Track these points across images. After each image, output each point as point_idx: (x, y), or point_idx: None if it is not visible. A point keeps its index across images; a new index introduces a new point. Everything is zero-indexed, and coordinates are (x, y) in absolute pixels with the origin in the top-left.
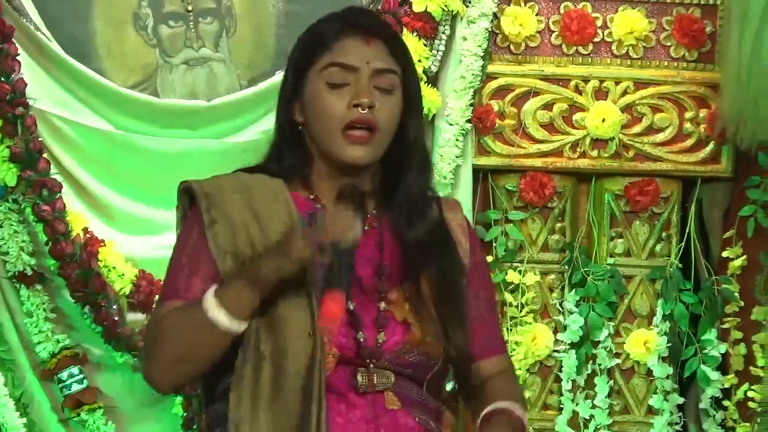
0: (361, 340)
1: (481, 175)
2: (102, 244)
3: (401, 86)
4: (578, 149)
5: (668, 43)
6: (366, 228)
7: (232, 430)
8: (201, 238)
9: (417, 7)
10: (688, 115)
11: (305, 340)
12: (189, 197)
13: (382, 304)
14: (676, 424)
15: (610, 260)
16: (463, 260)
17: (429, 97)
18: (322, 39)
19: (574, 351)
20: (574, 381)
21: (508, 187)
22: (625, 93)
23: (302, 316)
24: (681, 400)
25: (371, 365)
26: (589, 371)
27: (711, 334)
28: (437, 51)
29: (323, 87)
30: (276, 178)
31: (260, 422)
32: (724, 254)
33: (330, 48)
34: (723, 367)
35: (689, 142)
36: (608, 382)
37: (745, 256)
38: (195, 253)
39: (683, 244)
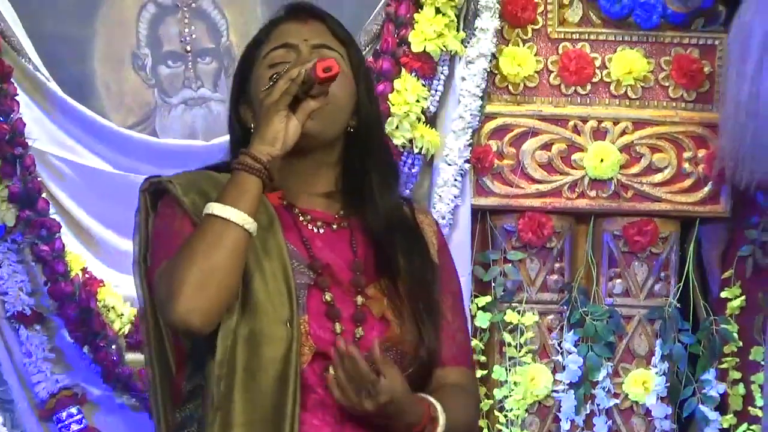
0: (338, 332)
1: (479, 215)
2: (101, 284)
3: (348, 65)
4: (577, 189)
5: (667, 84)
6: (335, 228)
7: (209, 411)
8: (184, 215)
9: (415, 47)
10: (686, 155)
11: (282, 327)
12: (152, 196)
13: (360, 299)
14: None
15: (609, 300)
16: (435, 261)
17: (428, 137)
18: (261, 34)
19: (572, 391)
20: (572, 421)
21: (507, 227)
22: (623, 133)
23: (280, 303)
24: None
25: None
26: (588, 411)
27: (710, 374)
28: (436, 91)
29: (264, 70)
30: None
31: (235, 404)
32: (723, 294)
33: (269, 38)
34: (722, 407)
35: (688, 182)
36: (607, 422)
37: (743, 297)
38: (181, 227)
39: (682, 284)
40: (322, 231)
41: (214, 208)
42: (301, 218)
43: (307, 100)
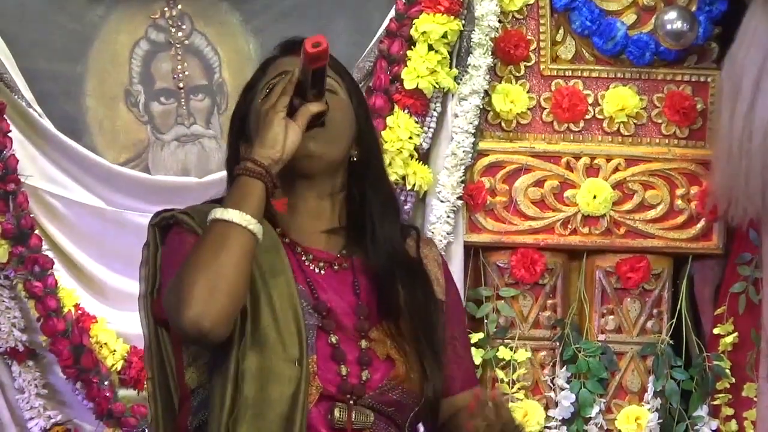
0: (344, 374)
1: (472, 251)
2: (94, 320)
3: (346, 93)
4: (569, 226)
5: (659, 120)
6: (336, 268)
7: None
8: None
9: (408, 84)
10: (679, 191)
11: (292, 366)
12: (162, 230)
13: (364, 343)
14: None
15: (602, 337)
16: (438, 296)
17: (420, 174)
18: (258, 72)
19: (565, 427)
20: None
21: (500, 264)
22: (616, 170)
23: (291, 342)
24: None
25: (352, 402)
26: None
27: (702, 411)
28: (428, 128)
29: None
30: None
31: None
32: (715, 331)
33: (265, 74)
34: None
35: (680, 218)
36: None
37: (736, 333)
38: None
39: (674, 320)
40: (324, 272)
41: (217, 212)
42: (303, 258)
43: (306, 104)
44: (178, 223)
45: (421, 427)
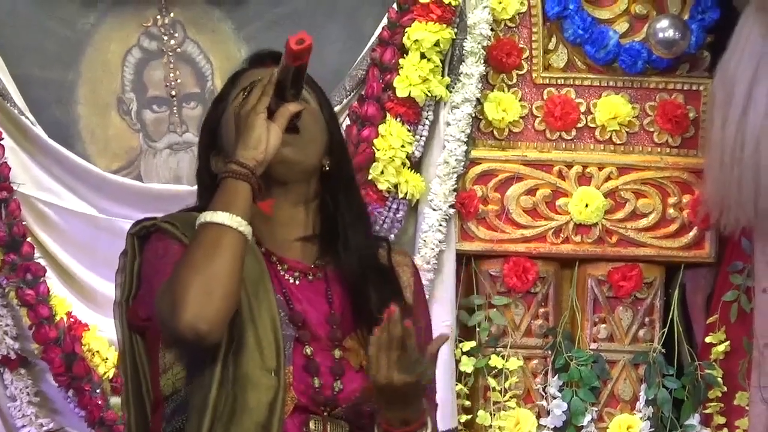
0: (317, 386)
1: (464, 260)
2: (86, 328)
3: (317, 104)
4: (561, 234)
5: (651, 129)
6: (311, 278)
7: None
8: (182, 247)
9: (400, 93)
10: (671, 200)
11: (269, 375)
12: (140, 240)
13: (338, 352)
14: None
15: (594, 345)
16: (409, 302)
17: (412, 182)
18: (228, 83)
19: None
20: None
21: (492, 273)
22: (608, 178)
23: (269, 352)
24: None
25: (326, 414)
26: None
27: (694, 419)
28: (421, 136)
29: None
30: None
31: None
32: (707, 339)
33: (235, 85)
34: None
35: (673, 227)
36: None
37: (728, 342)
38: (180, 255)
39: (666, 329)
40: (298, 282)
41: (207, 216)
42: (279, 268)
43: (284, 104)
44: (160, 230)
45: None
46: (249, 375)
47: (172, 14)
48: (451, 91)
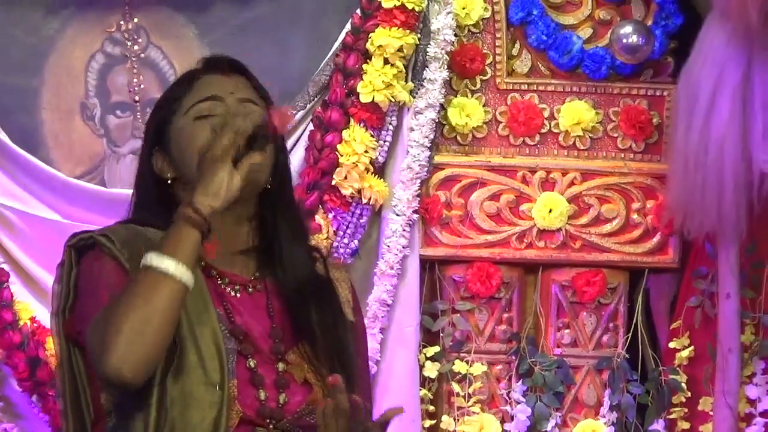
0: (263, 398)
1: (428, 265)
2: (50, 333)
3: None
4: (525, 240)
5: (615, 134)
6: (251, 291)
7: None
8: (117, 268)
9: (364, 98)
10: (635, 206)
11: (213, 390)
12: (77, 252)
13: (281, 366)
14: None
15: (558, 350)
16: (349, 317)
17: (376, 187)
18: (183, 83)
19: None
20: None
21: (455, 278)
22: (572, 184)
23: (212, 367)
24: None
25: (272, 426)
26: None
27: (658, 425)
28: (384, 142)
29: (190, 122)
30: None
31: None
32: (671, 345)
33: (191, 88)
34: None
35: (636, 232)
36: None
37: (692, 347)
38: (115, 280)
39: (630, 334)
40: (239, 295)
41: (153, 259)
42: (219, 281)
43: (250, 153)
44: (98, 245)
45: None
46: (192, 393)
47: (135, 20)
48: (414, 97)
